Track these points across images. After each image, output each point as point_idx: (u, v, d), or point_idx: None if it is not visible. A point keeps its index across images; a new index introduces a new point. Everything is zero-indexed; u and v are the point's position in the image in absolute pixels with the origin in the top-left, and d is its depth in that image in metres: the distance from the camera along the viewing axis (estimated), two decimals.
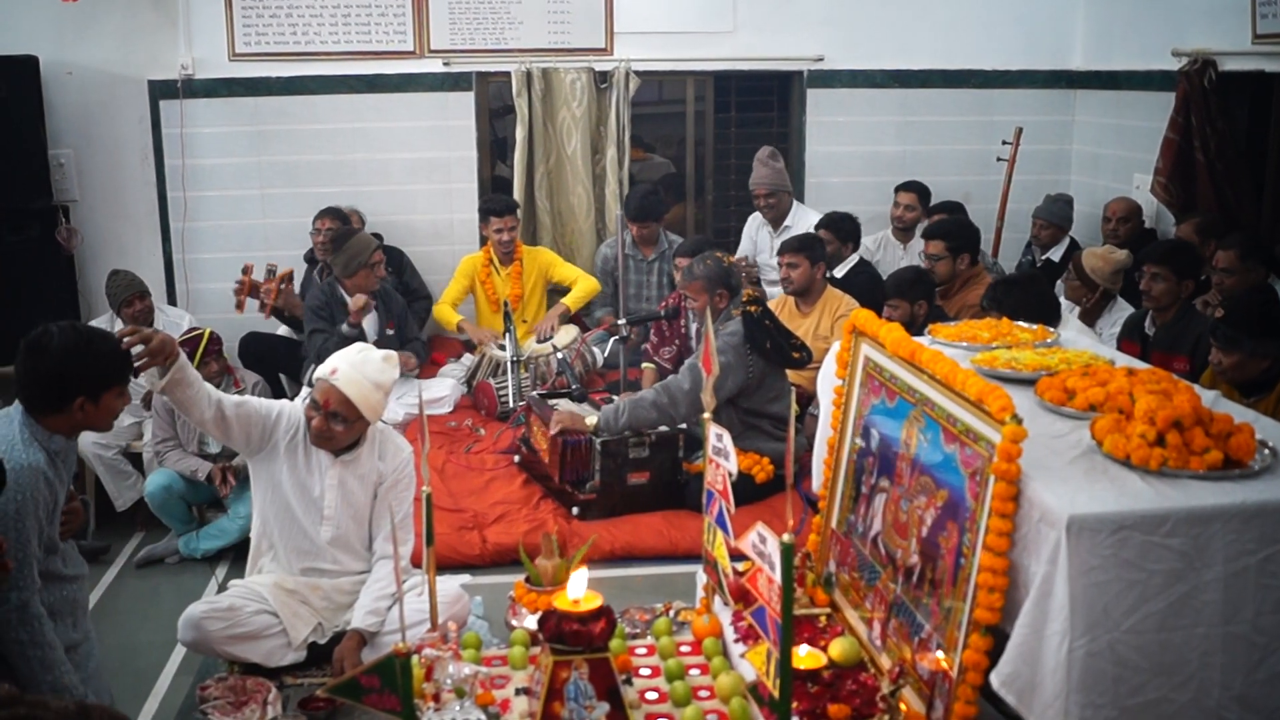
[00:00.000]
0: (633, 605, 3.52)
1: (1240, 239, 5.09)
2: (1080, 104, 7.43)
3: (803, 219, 6.72)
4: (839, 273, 6.24)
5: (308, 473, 3.78)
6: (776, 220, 6.83)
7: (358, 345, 3.77)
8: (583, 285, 6.78)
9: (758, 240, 7.00)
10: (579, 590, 2.62)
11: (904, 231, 6.93)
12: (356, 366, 3.64)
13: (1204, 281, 5.45)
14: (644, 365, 5.99)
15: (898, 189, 6.97)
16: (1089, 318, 5.40)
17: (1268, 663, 2.27)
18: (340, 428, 3.67)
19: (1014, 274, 5.94)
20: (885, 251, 6.98)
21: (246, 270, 6.25)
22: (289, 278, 6.39)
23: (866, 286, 5.94)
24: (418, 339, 6.27)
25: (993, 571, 2.36)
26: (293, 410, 3.84)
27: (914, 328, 5.19)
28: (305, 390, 5.87)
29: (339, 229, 6.20)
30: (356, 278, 5.85)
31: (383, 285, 6.08)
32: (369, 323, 5.92)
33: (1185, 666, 2.25)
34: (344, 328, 5.71)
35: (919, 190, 6.90)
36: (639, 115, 7.35)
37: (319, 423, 3.66)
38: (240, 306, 6.29)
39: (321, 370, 3.69)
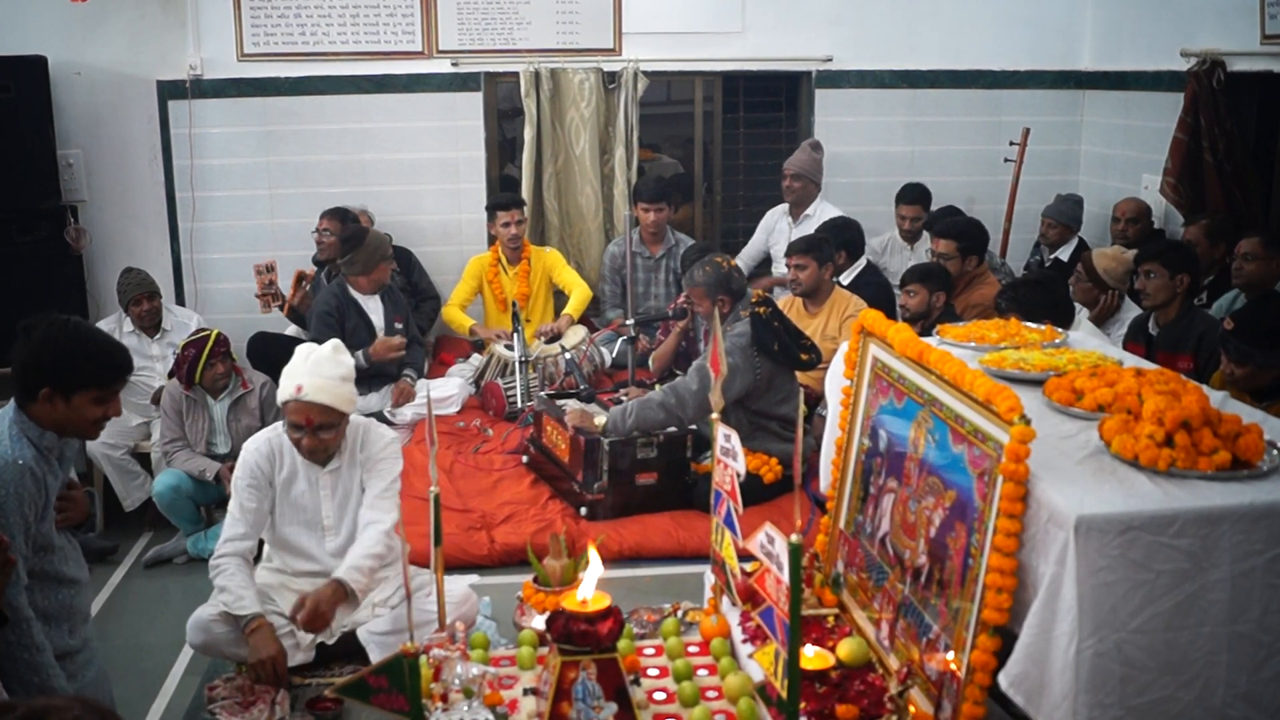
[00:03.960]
0: (641, 605, 3.53)
1: (1263, 228, 5.13)
2: (1089, 104, 7.42)
3: (824, 212, 6.73)
4: (845, 280, 6.19)
5: (299, 492, 3.78)
6: (799, 206, 6.84)
7: (303, 351, 3.70)
8: (580, 294, 6.77)
9: (776, 230, 7.01)
10: (594, 574, 2.62)
11: (911, 236, 6.92)
12: (315, 373, 3.59)
13: (1217, 279, 5.44)
14: (652, 365, 5.99)
15: (898, 201, 6.90)
16: (1102, 320, 5.39)
17: (1273, 661, 2.27)
18: (330, 435, 3.67)
19: (1031, 275, 5.93)
20: (891, 255, 6.96)
21: (267, 269, 6.32)
22: (308, 279, 6.43)
23: (874, 296, 5.88)
24: (418, 342, 6.27)
25: (1001, 572, 2.36)
26: (256, 449, 3.78)
27: (929, 319, 5.20)
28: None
29: (346, 230, 6.20)
30: (377, 271, 5.93)
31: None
32: (378, 315, 5.96)
33: (1191, 665, 2.25)
34: (360, 358, 5.64)
35: (921, 200, 6.84)
36: (647, 115, 7.35)
37: (310, 442, 3.65)
38: (266, 307, 6.42)
39: (285, 392, 3.62)
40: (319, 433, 3.64)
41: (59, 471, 3.07)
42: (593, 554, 2.71)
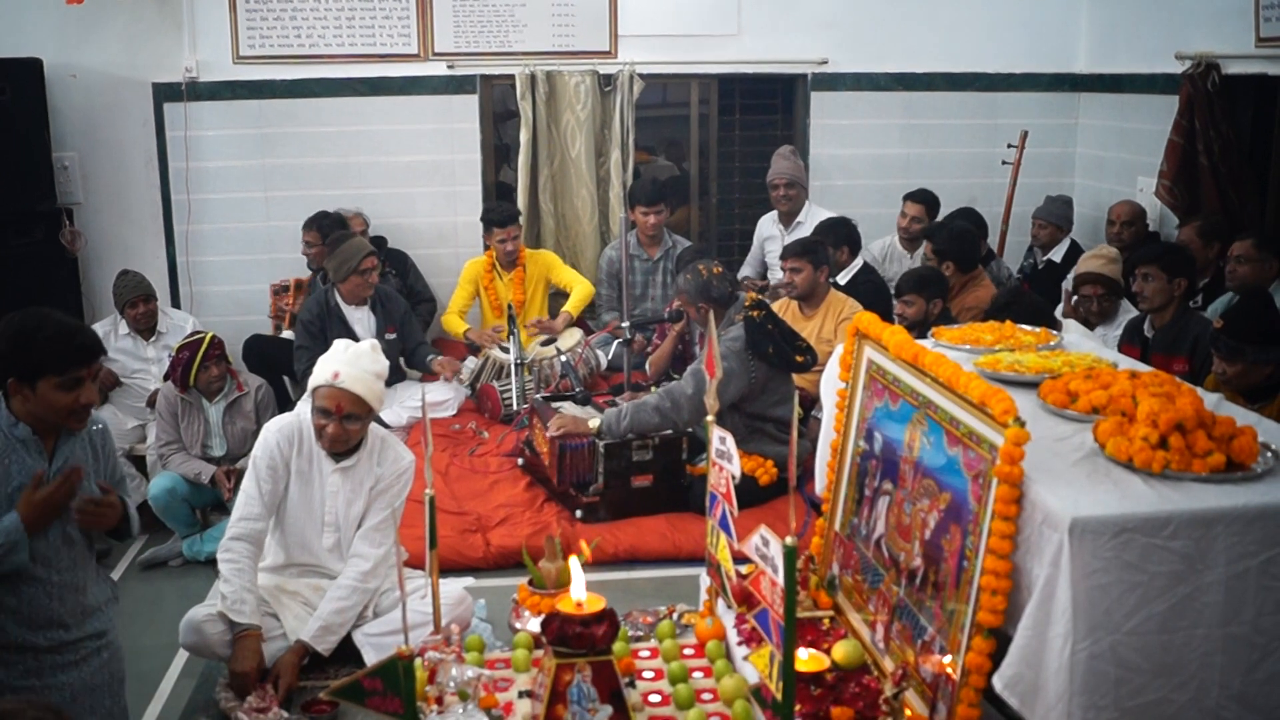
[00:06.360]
0: (636, 608, 3.52)
1: (1256, 230, 5.14)
2: (1084, 107, 7.43)
3: (815, 217, 6.73)
4: (841, 279, 6.20)
5: (308, 482, 3.79)
6: (790, 215, 6.85)
7: (340, 344, 3.76)
8: (580, 291, 6.77)
9: (769, 238, 7.00)
10: (580, 578, 2.62)
11: (910, 241, 6.89)
12: (354, 364, 3.64)
13: (1211, 282, 5.45)
14: (649, 369, 5.99)
15: (906, 198, 6.91)
16: (1091, 324, 5.39)
17: (1267, 662, 2.27)
18: (356, 426, 3.69)
19: (1001, 294, 5.88)
20: (891, 261, 6.94)
21: (277, 292, 6.36)
22: (302, 285, 6.45)
23: (870, 296, 5.89)
24: (424, 343, 6.27)
25: (995, 574, 2.36)
26: (279, 429, 3.81)
27: (927, 325, 5.19)
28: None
29: (329, 238, 6.18)
30: (348, 284, 5.84)
31: (382, 289, 6.07)
32: (363, 325, 5.92)
33: (1185, 667, 2.25)
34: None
35: (927, 202, 6.83)
36: (643, 118, 7.35)
37: (335, 429, 3.66)
38: (278, 329, 6.48)
39: (320, 378, 3.65)
40: (346, 422, 3.65)
41: (30, 465, 3.01)
42: (574, 563, 2.71)
